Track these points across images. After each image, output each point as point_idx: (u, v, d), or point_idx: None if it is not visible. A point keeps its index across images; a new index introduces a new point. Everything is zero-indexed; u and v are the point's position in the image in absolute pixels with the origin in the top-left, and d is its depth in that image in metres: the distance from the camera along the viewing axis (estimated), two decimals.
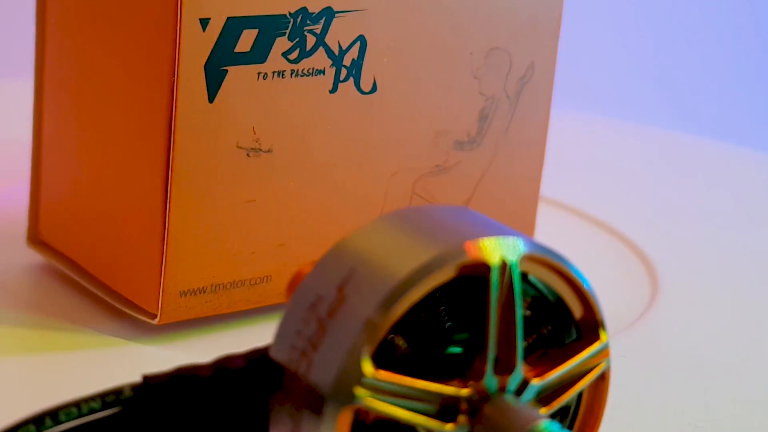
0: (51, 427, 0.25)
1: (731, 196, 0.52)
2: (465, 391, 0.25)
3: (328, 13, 0.35)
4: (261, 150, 0.34)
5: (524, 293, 0.26)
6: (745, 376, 0.36)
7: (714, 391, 0.35)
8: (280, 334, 0.26)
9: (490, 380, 0.25)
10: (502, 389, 0.25)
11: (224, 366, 0.26)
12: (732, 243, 0.47)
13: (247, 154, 0.34)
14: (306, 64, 0.35)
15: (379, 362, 0.25)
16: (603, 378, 0.27)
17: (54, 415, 0.25)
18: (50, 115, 0.37)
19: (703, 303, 0.41)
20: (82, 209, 0.36)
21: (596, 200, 0.49)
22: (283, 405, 0.25)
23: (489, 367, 0.25)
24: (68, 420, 0.25)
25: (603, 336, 0.26)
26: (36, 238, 0.38)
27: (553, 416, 0.27)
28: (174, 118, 0.33)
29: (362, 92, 0.36)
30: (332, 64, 0.35)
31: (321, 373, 0.24)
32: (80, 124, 0.36)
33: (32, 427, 0.24)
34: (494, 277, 0.25)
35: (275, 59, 0.34)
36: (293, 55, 0.34)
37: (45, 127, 0.37)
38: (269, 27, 0.34)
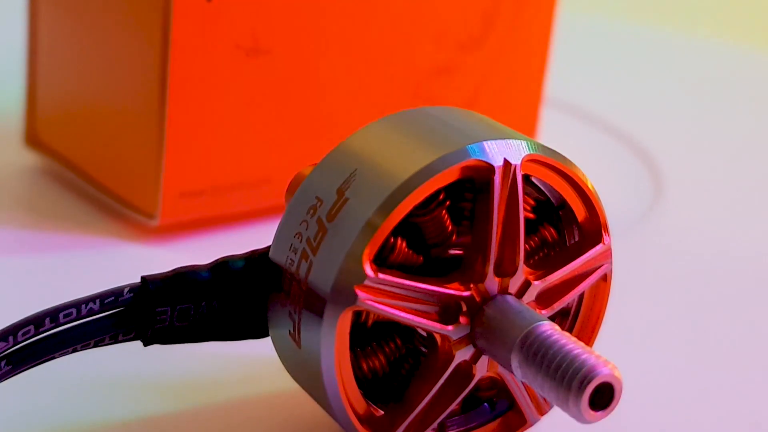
0: (51, 328, 0.25)
1: (739, 98, 0.52)
2: (466, 293, 0.25)
3: None
4: (260, 50, 0.34)
5: (527, 195, 0.26)
6: (746, 278, 0.36)
7: (716, 293, 0.35)
8: (280, 236, 0.25)
9: (492, 282, 0.25)
10: (503, 291, 0.25)
11: (223, 267, 0.26)
12: (737, 145, 0.47)
13: (246, 55, 0.34)
14: None
15: (380, 264, 0.25)
16: (605, 280, 0.27)
17: (54, 316, 0.25)
18: (46, 14, 0.37)
19: (706, 205, 0.41)
20: (79, 110, 0.36)
21: (601, 102, 0.48)
22: (282, 306, 0.25)
23: (490, 268, 0.25)
24: (67, 321, 0.25)
25: (605, 238, 0.26)
26: (33, 139, 0.38)
27: (553, 318, 0.27)
28: (171, 16, 0.32)
29: None
30: None
31: (321, 275, 0.24)
32: (76, 23, 0.35)
33: (32, 328, 0.25)
34: (497, 178, 0.25)
35: None
36: None
37: (40, 25, 0.37)
38: None
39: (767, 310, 0.35)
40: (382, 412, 0.26)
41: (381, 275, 0.24)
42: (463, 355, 0.25)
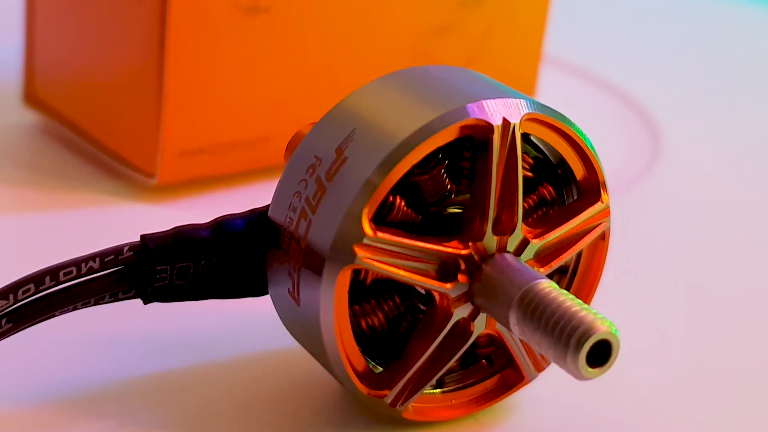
0: (51, 286, 0.25)
1: (738, 55, 0.52)
2: (465, 251, 0.25)
3: None
4: (259, 8, 0.34)
5: (526, 154, 0.26)
6: (744, 235, 0.36)
7: (713, 251, 0.35)
8: (279, 195, 0.25)
9: (490, 240, 0.25)
10: (502, 249, 0.25)
11: (223, 226, 0.26)
12: (736, 103, 0.47)
13: (245, 13, 0.34)
14: None
15: (379, 223, 0.25)
16: (603, 238, 0.27)
17: (54, 274, 0.25)
18: None
19: (704, 163, 0.41)
20: (78, 68, 0.36)
21: (600, 60, 0.48)
22: (281, 264, 0.25)
23: (489, 227, 0.25)
24: (68, 279, 0.25)
25: (604, 196, 0.26)
26: (32, 98, 0.37)
27: (551, 275, 0.27)
28: None
29: None
30: None
31: (320, 234, 0.24)
32: None
33: (32, 286, 0.25)
34: (496, 137, 0.25)
35: None
36: None
37: None
38: None
39: (765, 266, 0.35)
40: (381, 369, 0.26)
41: (380, 234, 0.24)
42: (461, 312, 0.25)
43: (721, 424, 0.28)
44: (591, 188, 0.26)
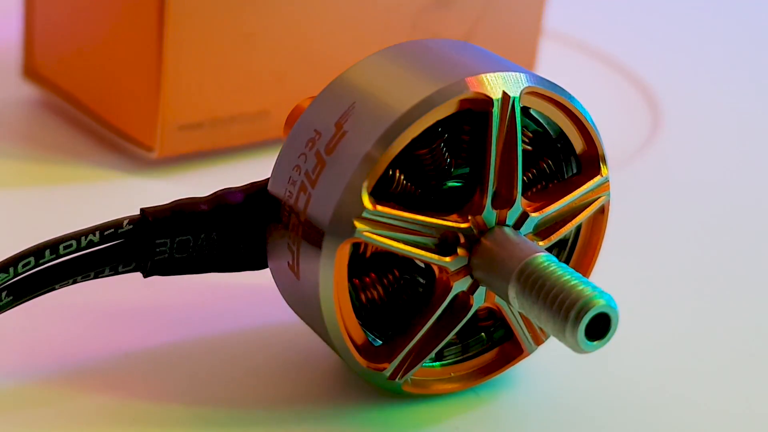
0: (51, 259, 0.25)
1: (737, 28, 0.52)
2: (464, 225, 0.25)
3: None
4: None
5: (525, 128, 0.26)
6: (743, 209, 0.36)
7: (712, 224, 0.35)
8: (279, 169, 0.26)
9: (490, 214, 0.25)
10: (501, 223, 0.25)
11: (223, 200, 0.26)
12: (735, 76, 0.46)
13: None
14: None
15: (379, 196, 0.25)
16: (602, 211, 0.27)
17: (54, 247, 0.25)
18: None
19: (703, 137, 0.41)
20: (77, 41, 0.36)
21: (600, 34, 0.48)
22: (281, 238, 0.25)
23: (488, 200, 0.25)
24: (68, 253, 0.25)
25: (603, 170, 0.26)
26: (31, 71, 0.37)
27: (550, 248, 0.27)
28: None
29: None
30: None
31: (319, 208, 0.24)
32: None
33: (32, 260, 0.25)
34: (496, 111, 0.25)
35: None
36: None
37: None
38: None
39: (764, 240, 0.35)
40: (380, 342, 0.26)
41: (379, 207, 0.24)
42: (460, 286, 0.25)
43: (720, 395, 0.28)
44: (590, 162, 0.26)
